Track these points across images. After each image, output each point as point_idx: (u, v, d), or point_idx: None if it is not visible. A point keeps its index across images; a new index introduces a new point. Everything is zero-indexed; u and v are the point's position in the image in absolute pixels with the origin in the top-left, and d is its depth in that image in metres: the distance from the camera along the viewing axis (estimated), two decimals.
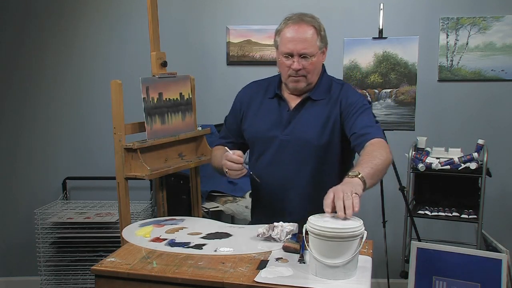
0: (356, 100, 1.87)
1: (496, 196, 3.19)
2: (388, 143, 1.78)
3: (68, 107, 3.34)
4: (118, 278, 1.43)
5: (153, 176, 2.18)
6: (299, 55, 1.82)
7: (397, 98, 2.80)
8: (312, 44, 1.82)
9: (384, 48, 2.78)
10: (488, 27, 3.08)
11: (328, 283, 1.34)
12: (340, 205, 1.38)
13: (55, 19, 3.27)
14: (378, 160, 1.61)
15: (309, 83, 1.89)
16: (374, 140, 1.73)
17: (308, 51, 1.81)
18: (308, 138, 1.86)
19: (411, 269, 1.84)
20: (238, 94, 2.09)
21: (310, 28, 1.83)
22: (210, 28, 3.25)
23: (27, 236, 3.23)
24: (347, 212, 1.37)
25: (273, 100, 1.95)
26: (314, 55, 1.83)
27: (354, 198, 1.40)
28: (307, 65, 1.83)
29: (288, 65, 1.84)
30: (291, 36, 1.82)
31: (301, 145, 1.86)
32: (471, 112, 3.19)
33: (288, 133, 1.89)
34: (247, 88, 2.08)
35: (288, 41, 1.83)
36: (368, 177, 1.53)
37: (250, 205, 2.76)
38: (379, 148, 1.68)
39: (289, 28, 1.84)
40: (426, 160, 2.78)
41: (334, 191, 1.43)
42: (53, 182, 3.34)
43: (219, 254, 1.53)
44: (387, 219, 2.98)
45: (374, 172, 1.57)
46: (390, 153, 1.71)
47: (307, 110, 1.90)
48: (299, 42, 1.81)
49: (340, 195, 1.40)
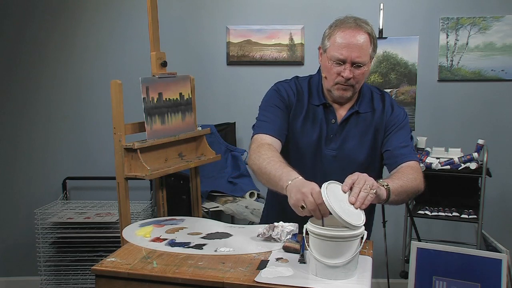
0: (398, 114, 1.81)
1: (496, 196, 3.19)
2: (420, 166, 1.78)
3: (68, 107, 3.34)
4: (118, 278, 1.43)
5: (153, 176, 2.18)
6: (352, 63, 1.69)
7: (397, 98, 2.80)
8: (366, 53, 1.70)
9: (384, 48, 2.79)
10: (488, 27, 3.08)
11: (328, 283, 1.34)
12: (356, 192, 1.39)
13: (55, 19, 3.27)
14: (409, 183, 1.62)
15: (355, 92, 1.78)
16: (411, 163, 1.72)
17: (362, 59, 1.69)
18: (355, 156, 1.78)
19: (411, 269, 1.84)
20: (281, 88, 1.84)
21: (366, 35, 1.70)
22: (210, 28, 3.25)
23: (27, 236, 3.23)
24: (356, 204, 1.37)
25: (318, 108, 1.81)
26: (366, 64, 1.71)
27: (370, 195, 1.39)
28: (358, 74, 1.71)
29: (338, 72, 1.71)
30: (346, 42, 1.68)
31: (347, 162, 1.77)
32: (471, 112, 3.19)
33: (335, 149, 1.79)
34: (288, 85, 1.85)
35: (342, 47, 1.68)
36: (394, 192, 1.54)
37: (250, 205, 2.77)
38: (414, 172, 1.68)
39: (344, 32, 1.69)
40: (426, 160, 2.78)
41: (360, 176, 1.42)
42: (53, 182, 3.34)
43: (219, 254, 1.53)
44: (387, 219, 2.98)
45: (402, 190, 1.58)
46: (423, 181, 1.70)
47: (354, 125, 1.80)
48: (354, 49, 1.68)
49: (361, 184, 1.40)
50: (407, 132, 1.81)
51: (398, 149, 1.76)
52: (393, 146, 1.76)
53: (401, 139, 1.78)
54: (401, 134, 1.79)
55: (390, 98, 1.88)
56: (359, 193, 1.39)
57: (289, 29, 3.15)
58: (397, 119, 1.81)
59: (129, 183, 2.20)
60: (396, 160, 1.74)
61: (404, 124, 1.81)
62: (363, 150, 1.79)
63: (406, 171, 1.68)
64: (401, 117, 1.82)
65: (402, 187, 1.58)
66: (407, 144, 1.78)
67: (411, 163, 1.72)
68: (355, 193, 1.39)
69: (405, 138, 1.79)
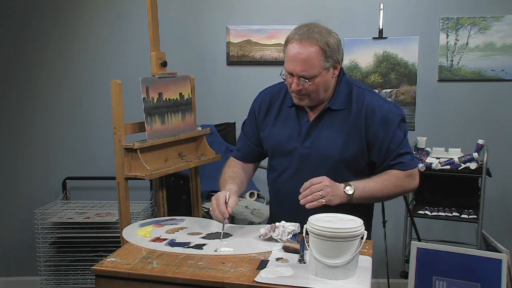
0: (383, 115, 1.73)
1: (496, 196, 3.18)
2: (415, 168, 1.79)
3: (68, 107, 3.34)
4: (118, 278, 1.43)
5: (153, 176, 2.18)
6: (298, 77, 1.69)
7: (397, 98, 2.80)
8: (314, 66, 1.67)
9: (384, 48, 2.79)
10: (488, 27, 3.08)
11: (328, 283, 1.34)
12: (305, 194, 1.62)
13: (55, 19, 3.27)
14: (383, 189, 1.72)
15: (317, 99, 1.76)
16: (395, 172, 1.75)
17: (308, 73, 1.67)
18: (329, 154, 1.76)
19: (411, 269, 1.84)
20: (255, 99, 1.97)
21: (314, 47, 1.66)
22: (210, 28, 3.25)
23: (27, 236, 3.23)
24: (302, 201, 1.62)
25: (291, 109, 1.84)
26: (315, 76, 1.68)
27: (317, 203, 1.61)
28: (308, 87, 1.70)
29: (290, 83, 1.74)
30: (293, 55, 1.68)
31: (322, 159, 1.76)
32: (471, 112, 3.18)
33: (308, 147, 1.79)
34: (264, 93, 1.95)
35: (288, 60, 1.70)
36: (358, 199, 1.68)
37: (250, 205, 2.77)
38: (396, 180, 1.75)
39: (293, 45, 1.69)
40: (426, 160, 2.78)
41: (316, 183, 1.63)
42: (53, 182, 3.34)
43: (219, 254, 1.53)
44: (387, 219, 2.98)
45: (369, 196, 1.72)
46: (407, 188, 1.79)
47: (327, 122, 1.78)
48: (298, 63, 1.67)
49: (314, 191, 1.61)
50: (397, 133, 1.75)
51: (384, 158, 1.75)
52: (390, 158, 1.75)
53: (394, 147, 1.74)
54: (394, 141, 1.74)
55: (374, 95, 1.81)
56: (308, 196, 1.62)
57: (289, 29, 3.11)
58: (382, 122, 1.74)
59: (129, 183, 2.20)
60: (384, 168, 1.77)
61: (396, 127, 1.75)
62: (337, 147, 1.75)
63: (386, 177, 1.75)
64: (391, 117, 1.74)
65: (371, 194, 1.71)
66: (398, 151, 1.74)
67: (395, 172, 1.76)
68: (304, 195, 1.62)
69: (398, 144, 1.75)
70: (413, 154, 1.82)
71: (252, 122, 1.97)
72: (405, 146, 1.76)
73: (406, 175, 1.76)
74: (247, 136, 1.99)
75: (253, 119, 1.96)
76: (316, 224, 1.36)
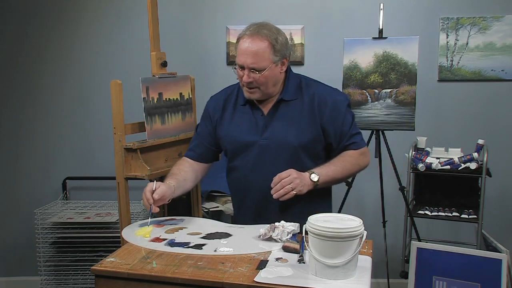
0: (333, 101, 1.90)
1: (496, 196, 3.19)
2: (365, 147, 1.97)
3: (68, 107, 3.34)
4: (118, 278, 1.43)
5: (153, 176, 2.18)
6: (249, 69, 1.82)
7: (397, 98, 2.80)
8: (263, 59, 1.81)
9: (384, 48, 2.78)
10: (488, 27, 3.08)
11: (328, 283, 1.34)
12: (276, 189, 1.72)
13: (55, 19, 3.27)
14: (343, 170, 1.87)
15: (266, 93, 1.89)
16: (350, 152, 1.91)
17: (258, 65, 1.81)
18: (288, 141, 1.88)
19: (411, 269, 1.84)
20: (209, 102, 2.10)
21: (264, 42, 1.81)
22: (210, 28, 3.25)
23: (27, 236, 3.23)
24: (274, 195, 1.72)
25: (245, 107, 1.96)
26: (265, 69, 1.82)
27: (289, 195, 1.72)
28: (258, 79, 1.83)
29: (240, 76, 1.87)
30: (244, 48, 1.82)
31: (282, 147, 1.88)
32: (471, 112, 3.19)
33: (267, 137, 1.90)
34: (216, 97, 2.08)
35: (239, 54, 1.84)
36: (323, 183, 1.82)
37: None
38: (352, 159, 1.91)
39: (244, 40, 1.83)
40: (426, 160, 2.78)
41: (284, 177, 1.73)
42: (53, 182, 3.34)
43: (219, 254, 1.53)
44: (387, 219, 2.98)
45: (331, 179, 1.85)
46: (361, 164, 1.94)
47: (282, 112, 1.91)
48: (249, 56, 1.81)
49: (285, 184, 1.72)
50: (347, 116, 1.92)
51: (340, 140, 1.91)
52: (344, 140, 1.91)
53: (346, 128, 1.90)
54: (346, 122, 1.91)
55: (320, 85, 1.97)
56: (279, 190, 1.72)
57: (289, 29, 3.15)
58: (334, 107, 1.90)
59: (129, 183, 2.20)
60: (338, 152, 1.93)
61: (344, 110, 1.91)
62: (296, 134, 1.88)
63: (343, 159, 1.90)
64: (338, 104, 1.91)
65: (333, 177, 1.85)
66: (351, 132, 1.91)
67: (349, 152, 1.92)
68: (276, 189, 1.72)
69: (348, 126, 1.91)
70: (362, 134, 1.98)
71: (207, 122, 2.06)
72: (355, 128, 1.94)
73: (360, 153, 1.93)
74: (202, 136, 2.07)
75: (208, 120, 2.05)
76: (316, 224, 1.37)
